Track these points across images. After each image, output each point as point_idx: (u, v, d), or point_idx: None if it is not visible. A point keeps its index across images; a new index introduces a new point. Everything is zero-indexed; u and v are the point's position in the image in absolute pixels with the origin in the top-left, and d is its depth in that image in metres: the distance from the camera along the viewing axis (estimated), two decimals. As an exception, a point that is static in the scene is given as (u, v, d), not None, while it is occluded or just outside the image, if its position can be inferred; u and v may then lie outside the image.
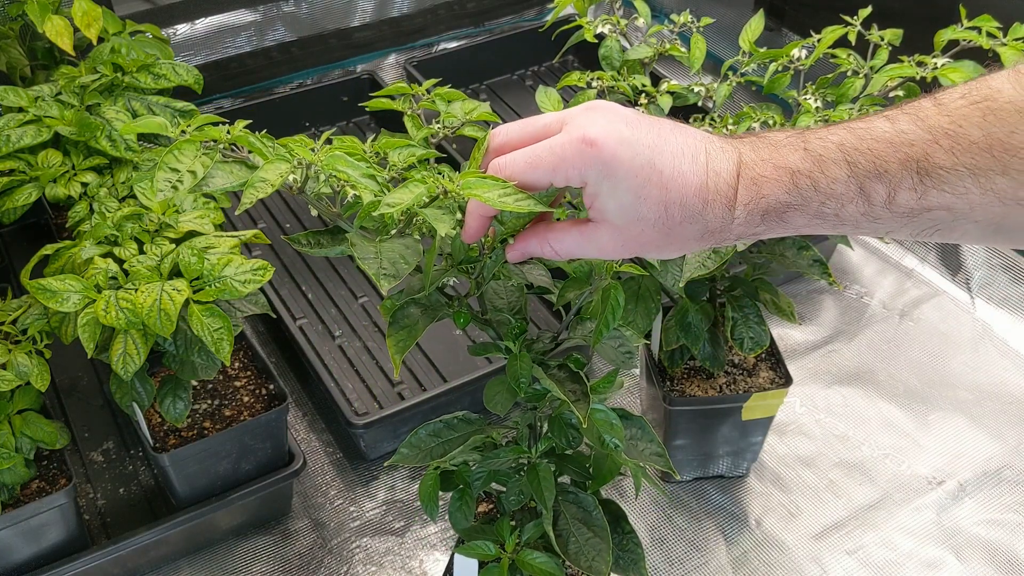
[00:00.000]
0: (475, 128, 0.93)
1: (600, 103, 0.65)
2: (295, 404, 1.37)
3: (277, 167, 0.66)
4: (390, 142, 0.76)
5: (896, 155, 0.59)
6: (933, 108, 0.59)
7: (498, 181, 0.63)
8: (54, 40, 1.23)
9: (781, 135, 0.64)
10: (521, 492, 0.87)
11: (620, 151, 0.61)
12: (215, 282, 0.95)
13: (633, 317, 1.02)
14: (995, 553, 1.19)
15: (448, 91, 0.95)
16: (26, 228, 1.53)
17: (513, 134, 0.67)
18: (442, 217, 0.64)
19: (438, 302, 0.77)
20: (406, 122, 0.94)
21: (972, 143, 0.57)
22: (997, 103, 0.57)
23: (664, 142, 0.62)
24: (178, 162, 0.66)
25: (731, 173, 0.62)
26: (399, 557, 1.19)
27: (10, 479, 1.01)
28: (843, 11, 1.07)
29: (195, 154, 0.66)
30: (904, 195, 0.59)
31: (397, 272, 0.65)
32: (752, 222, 0.63)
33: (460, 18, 2.10)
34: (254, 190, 0.64)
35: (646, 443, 0.86)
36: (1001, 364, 1.41)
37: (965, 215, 0.59)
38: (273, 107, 1.79)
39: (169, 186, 0.65)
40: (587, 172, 0.62)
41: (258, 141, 0.67)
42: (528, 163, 0.63)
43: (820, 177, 0.61)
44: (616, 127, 0.62)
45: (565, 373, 0.79)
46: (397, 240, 0.68)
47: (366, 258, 0.66)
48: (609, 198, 0.62)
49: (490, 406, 0.81)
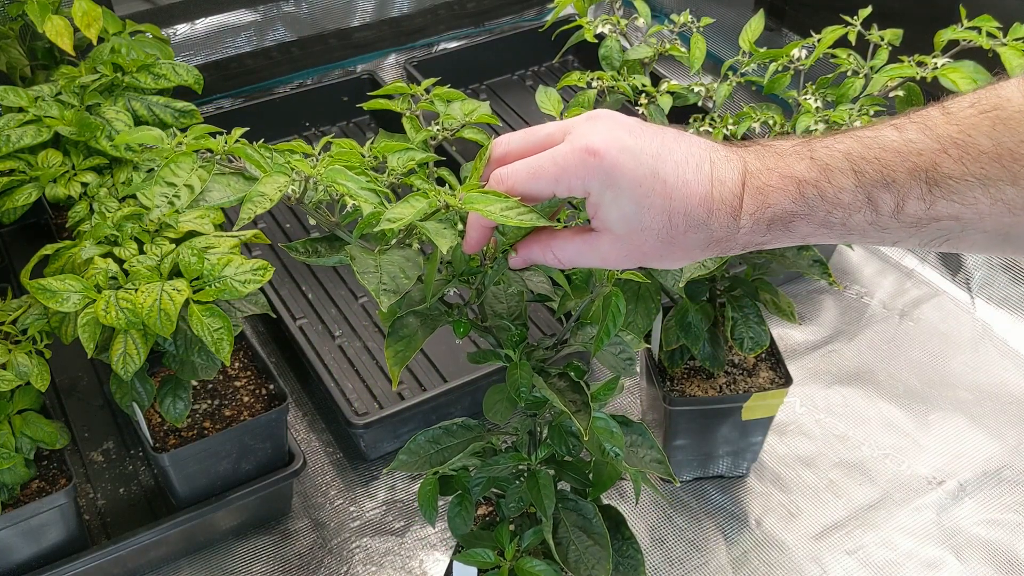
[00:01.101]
0: (475, 130, 0.92)
1: (602, 112, 0.65)
2: (295, 404, 1.37)
3: (275, 181, 0.65)
4: (389, 145, 0.75)
5: (904, 164, 0.58)
6: (941, 117, 0.58)
7: (499, 195, 0.63)
8: (54, 40, 1.23)
9: (787, 143, 0.63)
10: (521, 499, 0.87)
11: (623, 160, 0.61)
12: (215, 282, 0.95)
13: (633, 317, 1.02)
14: (995, 553, 1.19)
15: (447, 91, 0.94)
16: (26, 228, 1.53)
17: (515, 144, 0.67)
18: (443, 232, 0.64)
19: (437, 311, 0.77)
20: (405, 124, 0.92)
21: (981, 153, 0.56)
22: (1007, 112, 0.56)
23: (668, 151, 0.61)
24: (175, 175, 0.65)
25: (736, 182, 0.62)
26: (399, 557, 1.19)
27: (10, 479, 1.01)
28: (843, 11, 1.07)
29: (192, 167, 0.65)
30: (912, 205, 0.58)
31: (398, 287, 0.65)
32: (758, 231, 0.62)
33: (460, 18, 2.10)
34: (252, 205, 0.63)
35: (646, 449, 0.86)
36: (1001, 364, 1.41)
37: (974, 225, 0.58)
38: (273, 107, 1.79)
39: (166, 201, 0.64)
40: (590, 182, 0.61)
41: (256, 152, 0.66)
42: (530, 173, 0.63)
43: (827, 186, 0.60)
44: (619, 136, 0.61)
45: (565, 382, 0.78)
46: (397, 251, 0.67)
47: (366, 272, 0.65)
48: (612, 208, 0.62)
49: (490, 415, 0.80)
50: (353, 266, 0.65)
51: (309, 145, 0.70)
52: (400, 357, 0.74)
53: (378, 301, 0.63)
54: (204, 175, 0.65)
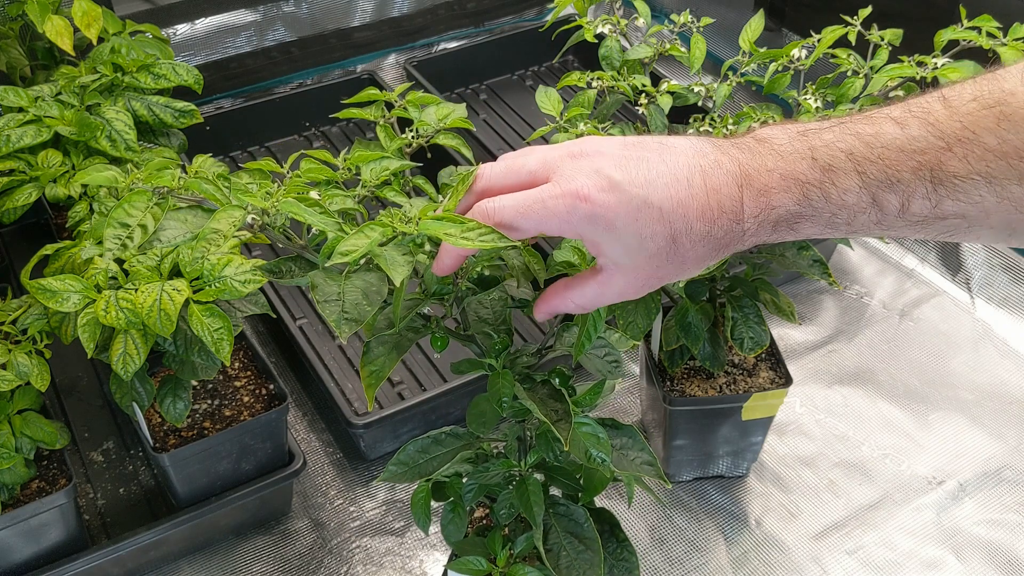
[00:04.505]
0: (449, 136, 0.88)
1: (585, 146, 0.63)
2: (295, 404, 1.37)
3: (230, 215, 0.63)
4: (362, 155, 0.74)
5: (908, 163, 0.57)
6: (944, 111, 0.57)
7: (456, 219, 0.62)
8: (54, 40, 1.23)
9: (783, 137, 0.62)
10: (512, 505, 0.86)
11: (613, 201, 0.60)
12: (215, 282, 0.95)
13: (633, 317, 1.02)
14: (995, 553, 1.19)
15: (421, 96, 0.91)
16: (26, 228, 1.53)
17: (496, 179, 0.65)
18: (399, 260, 0.62)
19: (414, 325, 0.76)
20: (378, 132, 0.90)
21: (987, 151, 0.55)
22: (1011, 108, 0.55)
23: (656, 175, 0.61)
24: (128, 216, 0.63)
25: (732, 186, 0.61)
26: (399, 557, 1.19)
27: (10, 479, 1.01)
28: (843, 11, 1.07)
29: (146, 206, 0.63)
30: (918, 204, 0.58)
31: (360, 315, 0.63)
32: (763, 232, 0.62)
33: (460, 18, 2.10)
34: (206, 243, 0.62)
35: (637, 452, 0.84)
36: (1001, 364, 1.41)
37: (980, 222, 0.57)
38: (273, 107, 1.79)
39: (118, 244, 0.62)
40: (581, 228, 0.61)
41: (212, 185, 0.64)
42: (518, 212, 0.62)
43: (831, 188, 0.59)
44: (605, 175, 0.60)
45: (548, 390, 0.77)
46: (363, 275, 0.65)
47: (327, 301, 0.63)
48: (614, 246, 0.61)
49: (473, 426, 0.79)
50: (314, 295, 0.63)
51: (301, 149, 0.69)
52: (375, 377, 0.73)
53: (338, 332, 0.62)
54: (158, 213, 0.63)
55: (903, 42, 1.06)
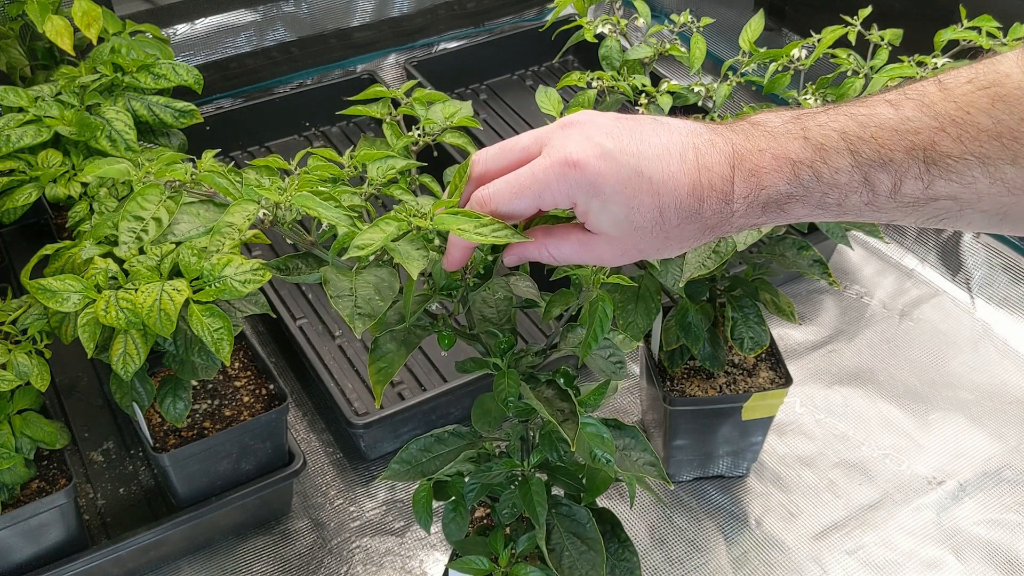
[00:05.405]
0: (456, 134, 0.88)
1: (576, 117, 0.63)
2: (295, 404, 1.37)
3: (244, 209, 0.63)
4: (369, 154, 0.73)
5: (901, 143, 0.57)
6: (939, 93, 0.57)
7: (471, 214, 0.62)
8: (54, 40, 1.23)
9: (776, 120, 0.61)
10: (514, 505, 0.86)
11: (603, 167, 0.60)
12: (215, 282, 0.95)
13: (633, 317, 1.02)
14: (995, 553, 1.19)
15: (428, 93, 0.90)
16: (26, 228, 1.53)
17: (491, 162, 0.65)
18: (413, 254, 0.62)
19: (421, 323, 0.76)
20: (384, 130, 0.90)
21: (980, 131, 0.55)
22: (1006, 89, 0.55)
23: (648, 146, 0.60)
24: (142, 209, 0.63)
25: (724, 166, 0.60)
26: (399, 557, 1.19)
27: (10, 479, 1.01)
28: (843, 11, 1.07)
29: (159, 198, 0.63)
30: (910, 185, 0.57)
31: (373, 311, 0.63)
32: (752, 214, 0.61)
33: (460, 18, 2.10)
34: (220, 236, 0.62)
35: (639, 452, 0.84)
36: (1001, 364, 1.41)
37: (972, 205, 0.57)
38: (273, 107, 1.79)
39: (133, 237, 0.62)
40: (574, 194, 0.60)
41: (224, 178, 0.65)
42: (512, 193, 0.62)
43: (823, 167, 0.59)
44: (596, 141, 0.60)
45: (553, 390, 0.77)
46: (374, 270, 0.66)
47: (340, 296, 0.63)
48: (601, 214, 0.61)
49: (478, 424, 0.79)
50: (327, 290, 0.63)
51: (301, 149, 0.68)
52: (384, 374, 0.72)
53: (352, 327, 0.62)
54: (172, 206, 0.63)
55: (903, 42, 1.06)
